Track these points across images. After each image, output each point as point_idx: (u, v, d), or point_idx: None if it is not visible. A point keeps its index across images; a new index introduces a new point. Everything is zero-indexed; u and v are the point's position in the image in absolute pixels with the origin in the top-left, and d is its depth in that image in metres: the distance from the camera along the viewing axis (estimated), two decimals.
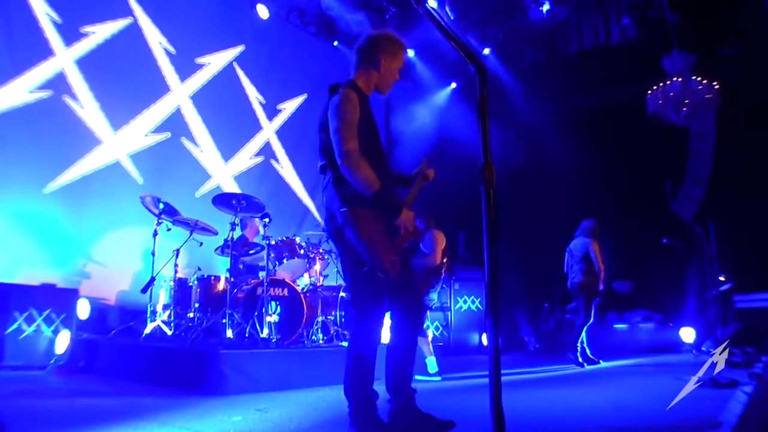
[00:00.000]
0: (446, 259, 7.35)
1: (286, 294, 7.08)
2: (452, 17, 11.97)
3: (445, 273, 7.42)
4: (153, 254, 7.42)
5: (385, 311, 3.67)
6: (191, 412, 4.31)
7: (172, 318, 7.24)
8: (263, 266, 7.20)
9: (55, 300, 7.07)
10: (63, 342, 6.78)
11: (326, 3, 11.70)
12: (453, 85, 14.40)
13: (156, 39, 9.89)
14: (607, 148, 12.22)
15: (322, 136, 3.72)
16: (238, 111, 11.17)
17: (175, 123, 9.97)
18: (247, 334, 6.60)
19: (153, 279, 7.31)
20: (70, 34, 8.77)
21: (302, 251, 7.60)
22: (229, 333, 6.58)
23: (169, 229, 7.73)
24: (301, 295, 7.07)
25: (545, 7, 11.86)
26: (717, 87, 10.24)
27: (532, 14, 12.05)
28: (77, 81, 8.78)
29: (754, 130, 10.18)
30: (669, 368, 8.12)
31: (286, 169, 11.80)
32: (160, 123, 9.72)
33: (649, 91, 10.59)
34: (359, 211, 3.50)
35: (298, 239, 7.66)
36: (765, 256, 9.89)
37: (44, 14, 8.50)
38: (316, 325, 7.23)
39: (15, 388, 5.43)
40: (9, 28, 8.14)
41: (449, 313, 11.03)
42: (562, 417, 4.75)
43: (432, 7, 2.69)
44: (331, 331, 7.43)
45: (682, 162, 11.50)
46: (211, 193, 9.40)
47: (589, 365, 8.74)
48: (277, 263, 7.44)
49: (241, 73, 11.16)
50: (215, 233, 7.83)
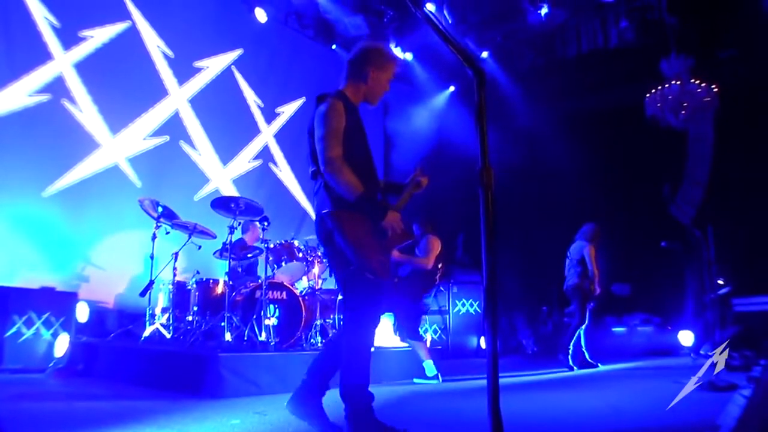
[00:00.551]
0: (441, 264, 7.35)
1: (285, 297, 7.08)
2: (450, 20, 11.98)
3: (439, 279, 7.43)
4: (152, 257, 7.42)
5: (377, 312, 3.71)
6: (190, 415, 4.31)
7: (171, 321, 7.25)
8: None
9: (54, 303, 7.09)
10: (62, 345, 6.78)
11: (324, 6, 11.72)
12: (451, 88, 14.41)
13: (154, 43, 9.90)
14: (605, 151, 12.23)
15: (311, 143, 3.82)
16: (237, 114, 11.17)
17: (174, 126, 9.98)
18: (245, 337, 6.61)
19: (152, 282, 7.31)
20: (69, 38, 8.78)
21: (301, 254, 7.60)
22: (228, 336, 6.59)
23: (167, 233, 7.73)
24: (300, 299, 7.08)
25: (543, 11, 11.87)
26: (715, 90, 10.25)
27: (530, 17, 12.06)
28: (76, 85, 8.79)
29: (752, 133, 10.20)
30: (667, 371, 8.12)
31: (285, 173, 11.81)
32: (158, 126, 9.73)
33: (648, 94, 10.60)
34: (344, 213, 3.58)
35: (296, 242, 7.67)
36: (764, 259, 9.90)
37: (43, 18, 8.51)
38: (315, 328, 7.23)
39: (14, 391, 5.43)
40: (8, 32, 8.15)
41: (448, 316, 11.04)
42: (560, 420, 4.76)
43: (429, 11, 2.70)
44: (330, 334, 7.43)
45: (680, 165, 11.51)
46: (210, 196, 9.40)
47: (587, 369, 8.74)
48: (276, 266, 7.45)
49: (239, 76, 11.17)
50: (214, 237, 7.84)
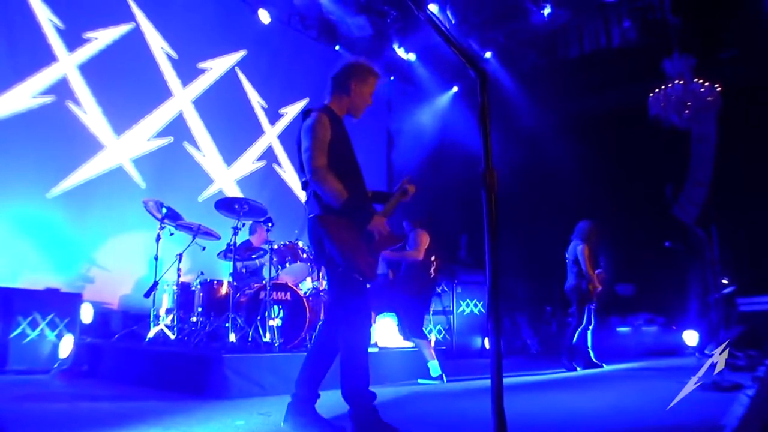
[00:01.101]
0: (434, 257, 7.36)
1: (289, 298, 7.08)
2: (453, 21, 11.99)
3: (435, 272, 7.43)
4: (156, 259, 7.43)
5: (368, 312, 3.84)
6: (194, 416, 4.32)
7: (175, 322, 7.25)
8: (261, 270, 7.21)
9: (58, 304, 7.09)
10: (66, 346, 6.79)
11: (327, 7, 11.73)
12: (455, 88, 14.41)
13: (158, 44, 9.92)
14: (608, 151, 12.23)
15: (299, 156, 3.90)
16: (240, 115, 11.19)
17: (178, 128, 9.99)
18: (250, 338, 6.60)
19: (156, 283, 7.32)
20: (73, 40, 8.80)
21: (305, 255, 7.60)
22: (232, 337, 6.59)
23: (171, 234, 7.74)
24: (304, 299, 7.07)
25: (546, 11, 11.87)
26: (719, 89, 10.24)
27: (533, 18, 12.07)
28: (80, 86, 8.81)
29: (755, 132, 10.18)
30: (672, 371, 8.11)
31: (289, 174, 11.81)
32: (162, 128, 9.75)
33: (651, 94, 10.60)
34: (331, 217, 3.71)
35: (300, 243, 7.66)
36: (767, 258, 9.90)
37: (47, 20, 8.53)
38: (319, 328, 7.23)
39: (19, 393, 5.44)
40: (12, 33, 8.17)
41: (452, 316, 11.03)
42: (563, 420, 4.76)
43: (432, 12, 2.71)
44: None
45: (683, 165, 11.51)
46: (214, 197, 9.40)
47: (592, 369, 8.73)
48: (280, 267, 7.45)
49: (243, 77, 11.18)
50: (218, 237, 7.84)
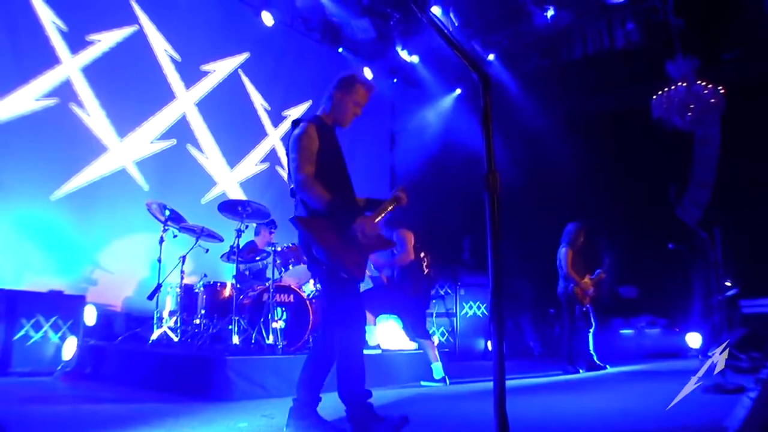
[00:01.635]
0: (424, 254, 7.36)
1: (292, 300, 7.08)
2: (456, 23, 11.99)
3: (428, 268, 7.42)
4: (159, 261, 7.44)
5: (358, 311, 3.88)
6: (197, 418, 4.33)
7: (179, 324, 7.25)
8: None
9: (62, 306, 7.13)
10: (70, 348, 6.81)
11: (330, 10, 11.74)
12: (458, 91, 14.40)
13: (161, 46, 9.93)
14: (612, 153, 12.23)
15: (289, 163, 4.02)
16: (244, 118, 11.20)
17: (181, 130, 10.00)
18: (253, 340, 6.61)
19: (159, 286, 7.33)
20: (76, 42, 8.81)
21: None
22: (236, 339, 6.59)
23: (175, 236, 7.75)
24: (307, 301, 7.08)
25: (549, 13, 11.87)
26: (722, 91, 10.23)
27: (536, 20, 12.06)
28: (83, 89, 8.82)
29: (759, 134, 10.17)
30: (675, 374, 8.10)
31: None
32: (165, 130, 9.76)
33: (654, 96, 10.59)
34: (313, 219, 3.81)
35: None
36: None
37: (50, 22, 8.55)
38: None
39: (22, 395, 5.46)
40: (15, 36, 8.18)
41: (455, 318, 11.03)
42: (566, 422, 4.76)
43: (435, 15, 2.71)
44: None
45: (686, 167, 11.50)
46: (217, 199, 9.42)
47: (595, 371, 8.72)
48: (283, 269, 7.46)
49: (246, 80, 11.19)
50: (221, 240, 7.85)
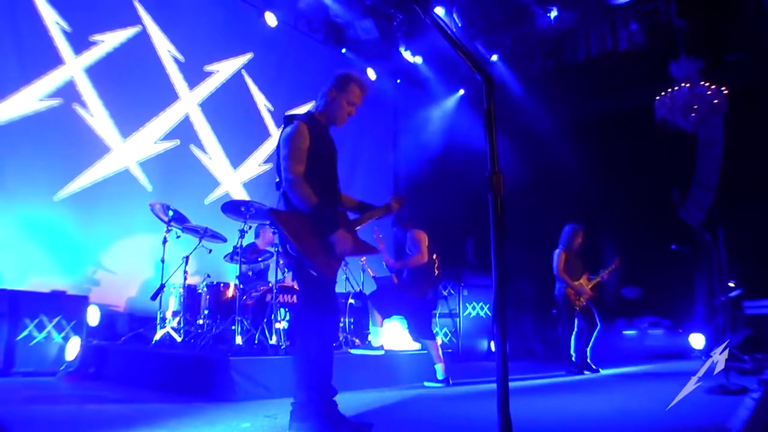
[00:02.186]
0: (436, 255, 7.37)
1: (295, 300, 7.09)
2: (460, 24, 11.99)
3: (438, 270, 7.43)
4: (162, 261, 7.46)
5: (326, 309, 3.90)
6: (200, 418, 4.33)
7: (182, 325, 7.27)
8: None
9: (65, 307, 7.14)
10: (73, 348, 6.82)
11: (334, 10, 11.75)
12: (461, 91, 14.40)
13: (164, 47, 9.94)
14: (615, 155, 12.22)
15: (277, 158, 4.10)
16: (247, 118, 11.21)
17: (184, 130, 10.02)
18: (256, 341, 6.62)
19: (162, 286, 7.35)
20: (80, 43, 8.83)
21: None
22: (239, 340, 6.60)
23: (178, 237, 7.77)
24: None
25: (553, 14, 11.86)
26: (726, 92, 10.20)
27: (539, 21, 12.06)
28: (87, 89, 8.84)
29: (762, 135, 10.15)
30: (678, 375, 8.09)
31: None
32: (169, 130, 9.77)
33: (657, 97, 10.57)
34: (287, 215, 3.87)
35: None
36: None
37: (54, 23, 8.56)
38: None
39: (26, 395, 5.46)
40: (19, 36, 8.20)
41: (458, 319, 11.03)
42: (570, 424, 4.76)
43: (438, 16, 2.72)
44: (340, 338, 7.44)
45: (690, 168, 11.48)
46: (220, 200, 9.43)
47: (587, 371, 8.68)
48: (286, 270, 7.45)
49: (249, 80, 11.20)
50: (224, 240, 7.86)
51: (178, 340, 7.09)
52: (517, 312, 12.14)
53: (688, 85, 10.24)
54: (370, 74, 13.42)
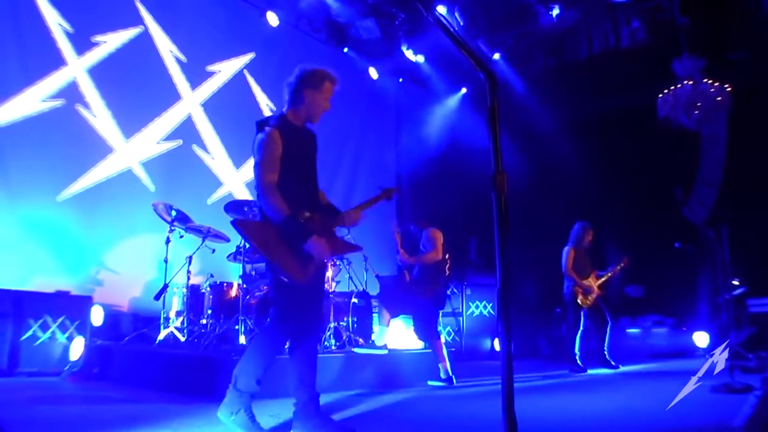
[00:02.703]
0: (448, 255, 7.37)
1: None
2: (461, 23, 11.98)
3: (449, 270, 7.43)
4: (166, 261, 7.46)
5: (292, 315, 3.91)
6: (204, 418, 4.33)
7: (185, 325, 7.26)
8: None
9: (69, 307, 7.14)
10: (77, 348, 6.83)
11: (335, 10, 11.75)
12: (463, 90, 14.40)
13: (167, 47, 9.95)
14: (618, 153, 12.20)
15: (254, 166, 4.05)
16: (249, 118, 11.03)
17: (187, 130, 10.02)
18: None
19: (166, 286, 7.35)
20: (82, 44, 8.83)
21: None
22: (242, 339, 6.60)
23: (181, 236, 7.77)
24: None
25: (555, 12, 11.85)
26: (729, 90, 10.18)
27: (541, 19, 12.05)
28: (89, 90, 8.84)
29: (766, 133, 10.13)
30: (682, 374, 8.07)
31: None
32: (171, 131, 9.77)
33: (660, 95, 10.56)
34: (250, 224, 4.06)
35: None
36: None
37: (56, 24, 8.57)
38: (329, 331, 7.24)
39: (30, 395, 5.47)
40: (21, 38, 8.20)
41: (461, 318, 11.02)
42: (574, 422, 4.75)
43: (441, 15, 2.71)
44: (344, 337, 7.43)
45: (693, 166, 11.46)
46: (223, 200, 9.43)
47: (605, 369, 8.68)
48: None
49: (251, 80, 11.20)
50: (227, 240, 7.85)
51: (182, 340, 7.09)
52: (521, 311, 12.12)
53: (691, 83, 10.22)
54: (372, 73, 13.42)
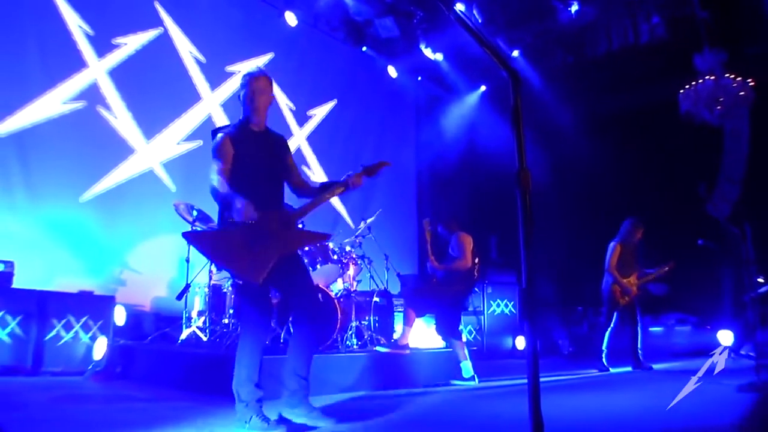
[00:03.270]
0: (477, 259, 7.33)
1: (320, 299, 7.08)
2: (480, 20, 11.94)
3: (478, 274, 7.40)
4: (187, 261, 7.50)
5: (256, 315, 4.22)
6: (227, 417, 4.33)
7: (207, 324, 7.29)
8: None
9: (92, 307, 7.19)
10: (100, 348, 6.87)
11: (354, 9, 11.74)
12: (482, 88, 14.34)
13: (186, 48, 10.00)
14: (639, 149, 12.10)
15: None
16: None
17: (207, 131, 9.96)
18: (281, 340, 6.63)
19: (188, 286, 7.38)
20: (103, 46, 8.91)
21: (335, 256, 7.59)
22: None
23: None
24: (335, 301, 7.07)
25: (574, 8, 11.78)
26: (751, 84, 10.06)
27: (560, 16, 11.98)
28: (110, 91, 8.90)
29: None
30: (706, 372, 8.01)
31: (318, 175, 11.84)
32: (192, 131, 9.82)
33: (681, 90, 10.46)
34: (197, 234, 4.31)
35: (330, 245, 7.67)
36: None
37: (77, 27, 8.64)
38: (350, 330, 7.24)
39: (54, 394, 5.51)
40: (43, 41, 8.29)
41: (482, 316, 10.99)
42: (597, 420, 4.72)
43: (463, 13, 2.70)
44: (365, 336, 7.43)
45: (716, 162, 11.35)
46: None
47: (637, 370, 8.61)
48: (311, 269, 7.46)
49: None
50: None
51: (204, 339, 7.12)
52: (542, 309, 12.07)
53: (712, 78, 10.12)
54: (391, 72, 13.40)
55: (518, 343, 10.86)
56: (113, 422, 4.29)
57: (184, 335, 7.21)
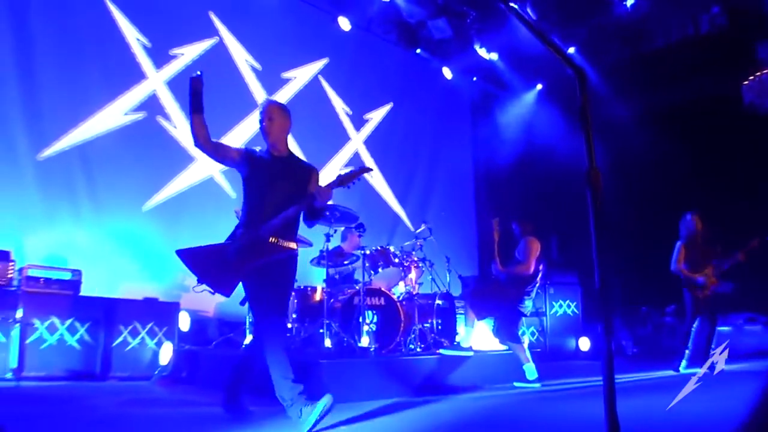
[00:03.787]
0: (542, 266, 7.21)
1: (383, 303, 7.08)
2: (534, 18, 11.82)
3: (540, 280, 7.29)
4: None
5: (280, 318, 4.65)
6: (289, 420, 4.32)
7: None
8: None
9: (157, 313, 7.34)
10: (166, 353, 7.00)
11: (406, 11, 11.72)
12: (539, 86, 14.18)
13: (242, 57, 10.12)
14: (701, 143, 11.82)
15: None
16: (326, 123, 11.30)
17: None
18: (345, 344, 6.64)
19: None
20: (160, 57, 9.09)
21: (396, 260, 7.59)
22: (328, 343, 6.64)
23: None
24: (398, 304, 7.07)
25: (629, 1, 11.58)
26: None
27: (616, 9, 11.79)
28: (169, 101, 9.07)
29: None
30: None
31: (376, 179, 11.86)
32: (250, 138, 9.90)
33: (744, 81, 10.20)
34: (185, 251, 4.52)
35: (391, 248, 7.67)
36: None
37: (135, 40, 8.82)
38: (414, 333, 7.22)
39: (123, 398, 5.63)
40: (103, 55, 8.52)
41: (545, 318, 10.86)
42: (671, 423, 4.62)
43: (525, 12, 2.67)
44: (429, 339, 7.41)
45: None
46: None
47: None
48: (372, 272, 7.47)
49: (326, 85, 11.30)
50: (310, 245, 7.90)
51: None
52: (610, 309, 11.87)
53: None
54: (446, 73, 13.35)
55: (581, 344, 10.71)
56: (179, 425, 4.38)
57: (248, 340, 7.26)
